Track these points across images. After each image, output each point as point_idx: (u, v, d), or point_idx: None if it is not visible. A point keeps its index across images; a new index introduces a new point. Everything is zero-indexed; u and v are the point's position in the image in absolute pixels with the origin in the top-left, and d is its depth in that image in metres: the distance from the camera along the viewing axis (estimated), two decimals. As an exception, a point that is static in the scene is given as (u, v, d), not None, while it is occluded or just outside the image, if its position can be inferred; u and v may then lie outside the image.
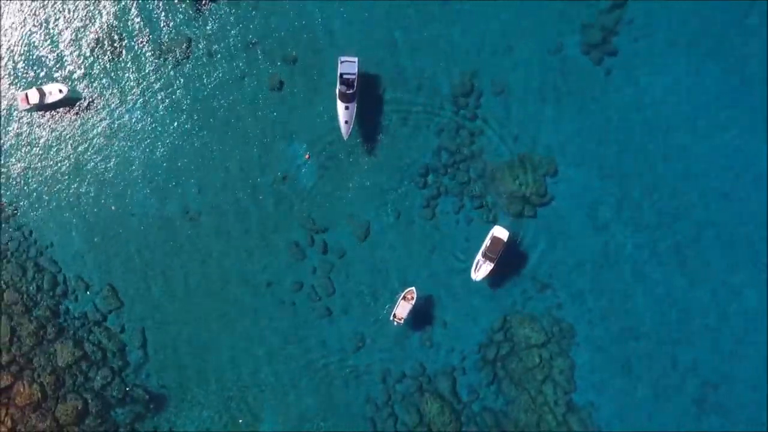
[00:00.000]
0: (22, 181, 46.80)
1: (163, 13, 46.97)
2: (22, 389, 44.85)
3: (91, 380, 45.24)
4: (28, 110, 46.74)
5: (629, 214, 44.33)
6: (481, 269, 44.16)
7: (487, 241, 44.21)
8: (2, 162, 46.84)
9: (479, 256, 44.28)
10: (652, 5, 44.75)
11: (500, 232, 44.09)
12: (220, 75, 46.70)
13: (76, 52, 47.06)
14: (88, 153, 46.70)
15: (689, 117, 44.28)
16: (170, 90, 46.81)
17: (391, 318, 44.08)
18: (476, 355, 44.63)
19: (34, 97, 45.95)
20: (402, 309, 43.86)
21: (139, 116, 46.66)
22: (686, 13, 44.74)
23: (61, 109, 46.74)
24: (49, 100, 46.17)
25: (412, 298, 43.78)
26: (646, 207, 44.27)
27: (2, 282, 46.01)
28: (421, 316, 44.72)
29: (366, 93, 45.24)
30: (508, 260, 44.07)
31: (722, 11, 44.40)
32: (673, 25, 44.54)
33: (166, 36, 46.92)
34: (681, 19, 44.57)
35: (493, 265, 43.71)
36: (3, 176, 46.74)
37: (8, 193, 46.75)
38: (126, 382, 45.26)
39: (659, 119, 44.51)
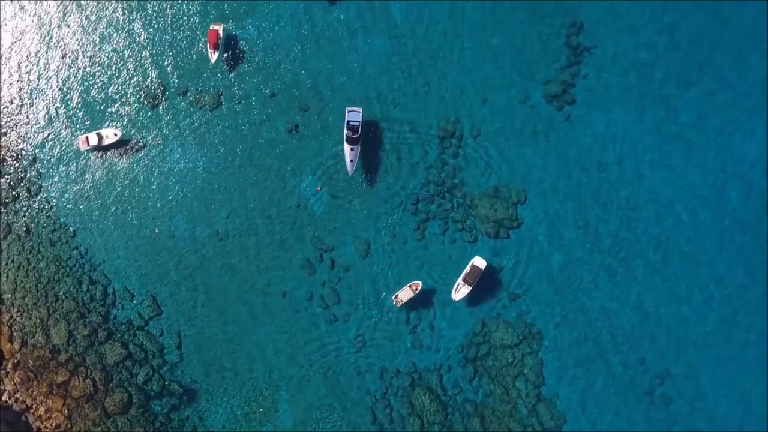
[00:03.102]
0: (81, 209, 54.78)
1: (200, 69, 55.11)
2: (77, 383, 52.03)
3: (134, 376, 52.24)
4: (87, 150, 54.86)
5: (586, 234, 51.56)
6: (460, 291, 50.90)
7: (467, 268, 50.80)
8: (65, 192, 55.18)
9: (459, 280, 50.88)
10: (603, 63, 52.85)
11: (479, 262, 50.75)
12: (246, 120, 54.44)
13: (129, 102, 55.39)
14: (136, 185, 54.63)
15: (634, 153, 51.94)
16: (204, 132, 54.64)
17: (393, 298, 50.97)
18: (459, 355, 51.63)
19: (93, 139, 53.91)
20: (404, 294, 50.65)
21: (179, 155, 54.63)
22: (632, 69, 52.72)
23: (115, 149, 54.72)
24: (106, 142, 53.96)
25: (417, 289, 50.58)
26: (600, 228, 51.60)
27: (62, 292, 54.22)
28: (413, 320, 52.12)
29: (368, 136, 52.79)
30: (486, 276, 51.09)
31: (660, 68, 52.63)
32: (620, 79, 52.56)
33: (201, 88, 54.87)
34: (627, 74, 52.66)
35: (471, 288, 50.39)
36: (65, 204, 55.05)
37: (69, 219, 54.77)
38: (164, 378, 52.41)
39: (610, 155, 52.17)
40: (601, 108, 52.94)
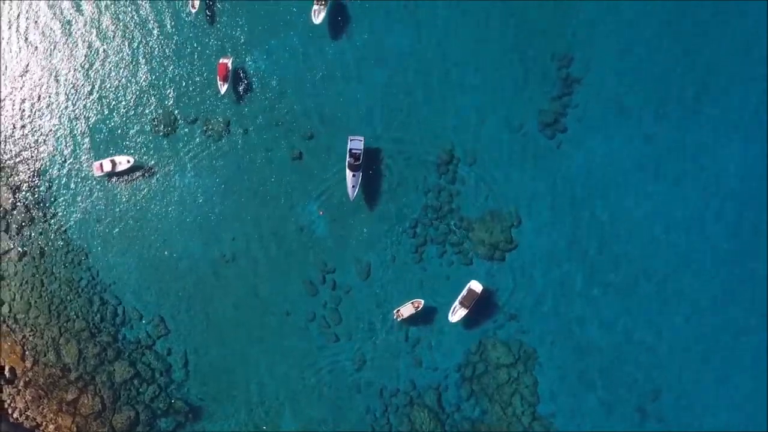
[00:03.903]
0: (93, 232, 57.03)
1: (209, 100, 57.71)
2: (86, 401, 53.70)
3: (142, 394, 53.87)
4: (101, 176, 57.43)
5: (578, 255, 53.13)
6: (457, 313, 52.45)
7: (464, 291, 52.32)
8: (78, 216, 57.63)
9: (456, 303, 52.46)
10: (592, 94, 55.04)
11: (475, 286, 52.27)
12: (253, 147, 56.60)
13: (141, 131, 57.91)
14: (147, 210, 56.86)
15: (622, 178, 53.82)
16: (213, 159, 56.93)
17: (395, 312, 52.55)
18: (457, 374, 53.03)
19: (107, 166, 56.44)
20: (406, 309, 52.26)
21: (188, 181, 56.93)
22: (621, 99, 54.82)
23: (128, 175, 57.05)
24: (119, 168, 56.33)
25: (419, 306, 52.25)
26: (591, 249, 53.25)
27: (73, 312, 56.14)
28: (412, 340, 53.71)
29: (369, 163, 54.95)
30: (482, 298, 52.54)
31: (643, 97, 54.85)
32: (608, 109, 54.79)
33: (210, 117, 57.41)
34: (613, 104, 54.84)
35: (467, 311, 51.97)
36: (78, 227, 57.31)
37: (81, 241, 56.99)
38: (170, 396, 53.97)
39: (600, 180, 53.98)
40: (592, 136, 54.81)
